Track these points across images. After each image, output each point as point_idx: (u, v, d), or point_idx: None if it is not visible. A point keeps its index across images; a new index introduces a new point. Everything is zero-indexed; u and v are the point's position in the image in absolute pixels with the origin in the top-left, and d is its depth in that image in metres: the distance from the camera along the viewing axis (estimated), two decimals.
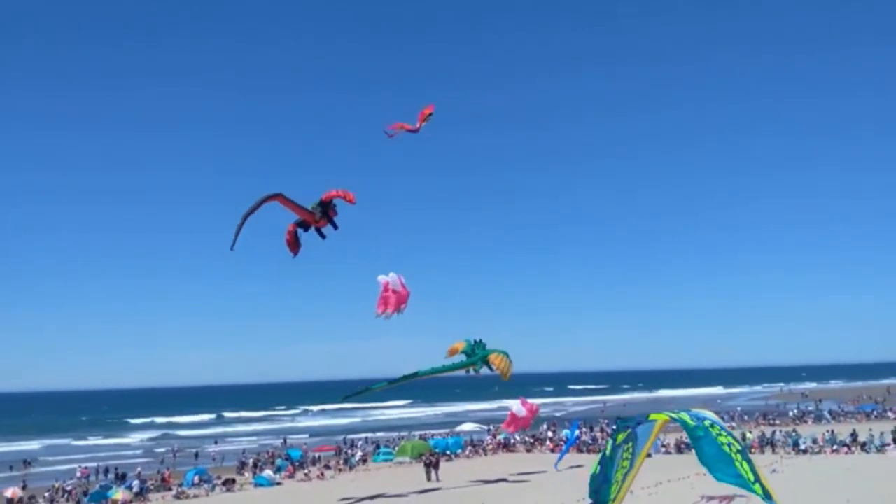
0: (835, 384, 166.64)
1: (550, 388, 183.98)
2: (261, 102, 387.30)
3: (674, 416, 13.56)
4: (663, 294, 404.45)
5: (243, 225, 27.09)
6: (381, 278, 33.15)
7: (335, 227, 29.12)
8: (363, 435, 71.40)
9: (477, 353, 36.40)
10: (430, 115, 29.22)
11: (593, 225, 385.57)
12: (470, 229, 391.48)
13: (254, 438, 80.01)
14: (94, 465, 53.42)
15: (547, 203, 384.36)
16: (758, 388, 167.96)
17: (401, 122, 29.30)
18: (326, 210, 28.71)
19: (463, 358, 37.06)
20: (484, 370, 36.85)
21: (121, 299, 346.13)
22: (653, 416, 13.96)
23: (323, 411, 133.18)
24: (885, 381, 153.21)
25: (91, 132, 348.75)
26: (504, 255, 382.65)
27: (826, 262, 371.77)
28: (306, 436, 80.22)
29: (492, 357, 36.28)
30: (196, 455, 61.73)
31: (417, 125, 29.10)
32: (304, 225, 29.18)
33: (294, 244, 29.34)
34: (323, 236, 29.30)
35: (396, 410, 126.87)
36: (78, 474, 50.19)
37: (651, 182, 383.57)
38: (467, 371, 36.70)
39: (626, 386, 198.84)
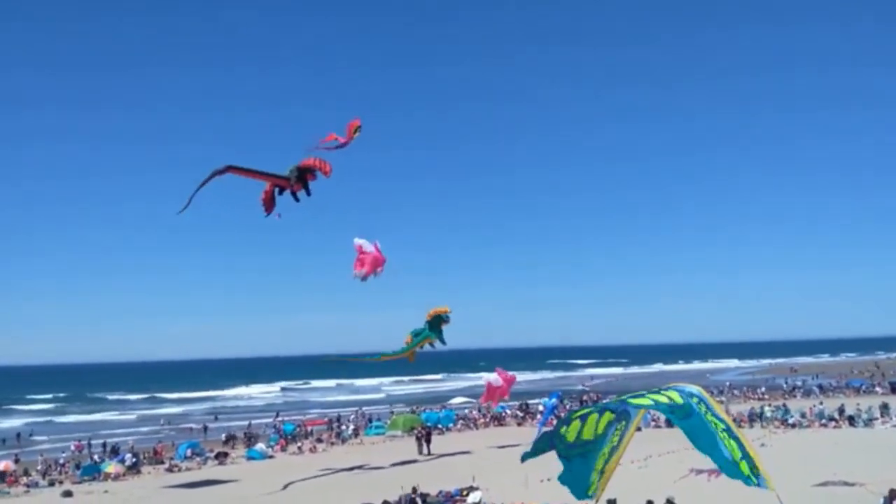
0: (824, 359, 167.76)
1: (556, 361, 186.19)
2: (252, 76, 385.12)
3: (653, 402, 13.40)
4: (653, 268, 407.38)
5: (194, 194, 27.43)
6: (356, 241, 33.41)
7: (308, 193, 29.12)
8: (353, 409, 71.55)
9: (423, 329, 37.47)
10: (359, 127, 29.18)
11: (580, 196, 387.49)
12: (461, 202, 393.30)
13: (253, 413, 79.62)
14: (86, 442, 53.33)
15: (534, 174, 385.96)
16: (746, 362, 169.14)
17: (333, 134, 29.23)
18: (303, 175, 28.67)
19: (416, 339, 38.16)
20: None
21: (114, 272, 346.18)
22: (633, 402, 13.85)
23: (323, 385, 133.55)
24: (874, 356, 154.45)
25: (82, 111, 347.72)
26: (494, 229, 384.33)
27: (816, 237, 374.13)
28: (302, 410, 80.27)
29: (430, 314, 37.26)
30: (204, 429, 61.78)
31: (346, 139, 29.03)
32: (279, 188, 29.25)
33: (269, 203, 29.39)
34: (297, 199, 29.33)
35: (391, 385, 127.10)
36: (72, 448, 50.25)
37: (640, 154, 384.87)
38: (432, 345, 37.60)
39: (612, 360, 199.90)
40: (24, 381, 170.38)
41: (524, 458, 14.79)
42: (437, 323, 37.34)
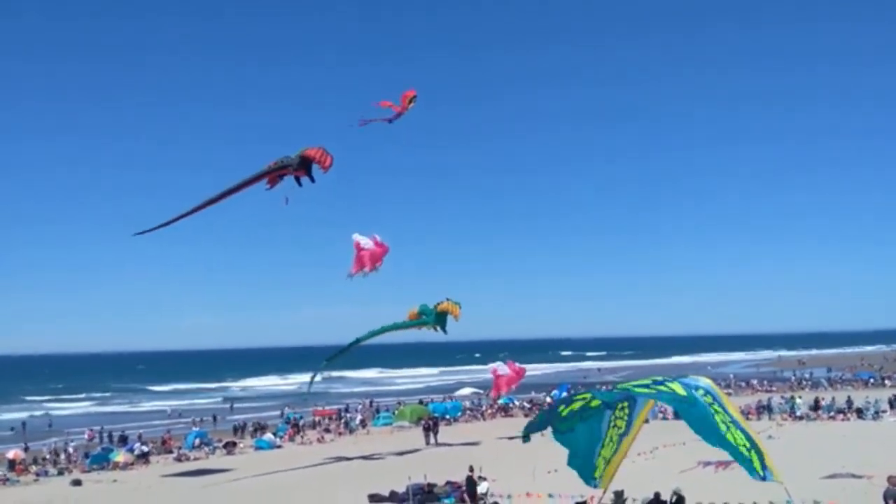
0: (832, 351, 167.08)
1: (568, 353, 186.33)
2: (260, 75, 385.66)
3: (656, 391, 13.33)
4: (657, 261, 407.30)
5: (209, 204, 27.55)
6: (355, 237, 33.20)
7: (312, 179, 28.99)
8: (362, 400, 71.65)
9: (428, 310, 37.04)
10: (414, 98, 28.92)
11: (587, 191, 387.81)
12: (461, 194, 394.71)
13: (270, 403, 79.40)
14: (97, 431, 53.51)
15: (541, 170, 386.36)
16: (754, 354, 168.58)
17: (388, 102, 28.98)
18: (306, 162, 28.56)
19: (423, 319, 37.71)
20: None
21: (128, 263, 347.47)
22: (638, 390, 13.79)
23: (327, 376, 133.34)
24: (883, 349, 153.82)
25: (88, 102, 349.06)
26: (498, 222, 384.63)
27: (823, 230, 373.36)
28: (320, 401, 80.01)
29: (441, 307, 36.91)
30: (214, 419, 61.84)
31: (401, 108, 28.78)
32: (282, 175, 29.17)
33: (273, 180, 29.25)
34: (300, 184, 29.23)
35: (399, 377, 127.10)
36: (85, 436, 50.45)
37: (648, 150, 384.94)
38: (435, 329, 37.20)
39: (616, 353, 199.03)
40: (37, 370, 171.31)
41: (525, 432, 14.79)
42: (443, 314, 37.08)
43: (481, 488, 25.01)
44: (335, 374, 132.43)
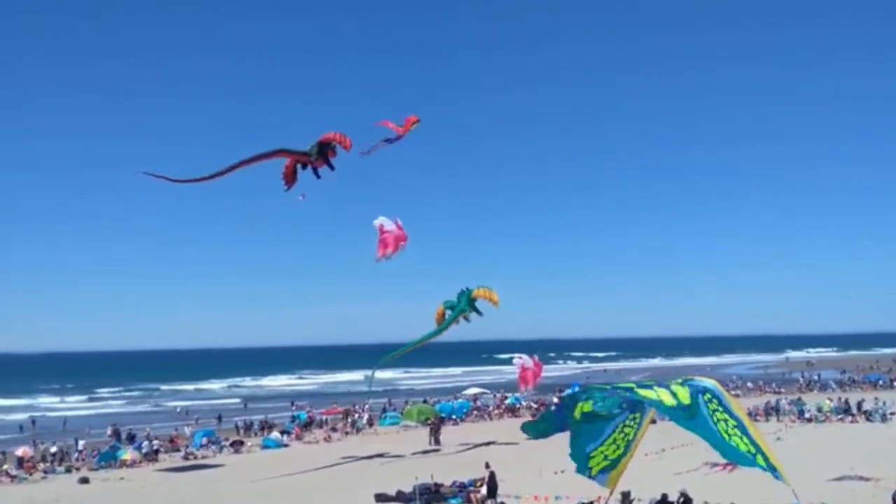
0: (841, 354, 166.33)
1: (577, 354, 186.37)
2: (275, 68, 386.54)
3: (658, 400, 13.20)
4: (664, 261, 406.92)
5: (230, 170, 27.54)
6: (377, 222, 33.09)
7: (331, 167, 29.07)
8: (370, 401, 71.57)
9: (461, 299, 36.54)
10: (417, 122, 29.03)
11: (595, 190, 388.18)
12: (463, 193, 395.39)
13: (283, 403, 79.23)
14: (114, 428, 53.31)
15: (545, 169, 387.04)
16: (763, 356, 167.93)
17: (390, 123, 29.12)
18: (324, 151, 28.62)
19: (450, 314, 37.27)
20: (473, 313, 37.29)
21: (134, 262, 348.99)
22: (641, 393, 13.71)
23: (332, 375, 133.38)
24: (893, 351, 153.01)
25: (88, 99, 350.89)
26: (502, 220, 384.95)
27: (831, 230, 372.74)
28: (311, 399, 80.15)
29: (475, 293, 36.45)
30: (219, 418, 61.74)
31: (403, 130, 28.87)
32: (301, 163, 29.20)
33: (290, 177, 29.31)
34: (318, 176, 29.28)
35: (404, 376, 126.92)
36: (108, 432, 50.43)
37: (652, 148, 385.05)
38: (466, 319, 36.79)
39: (624, 354, 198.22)
40: (44, 369, 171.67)
41: (533, 435, 14.77)
42: (473, 301, 36.51)
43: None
44: (358, 374, 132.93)
